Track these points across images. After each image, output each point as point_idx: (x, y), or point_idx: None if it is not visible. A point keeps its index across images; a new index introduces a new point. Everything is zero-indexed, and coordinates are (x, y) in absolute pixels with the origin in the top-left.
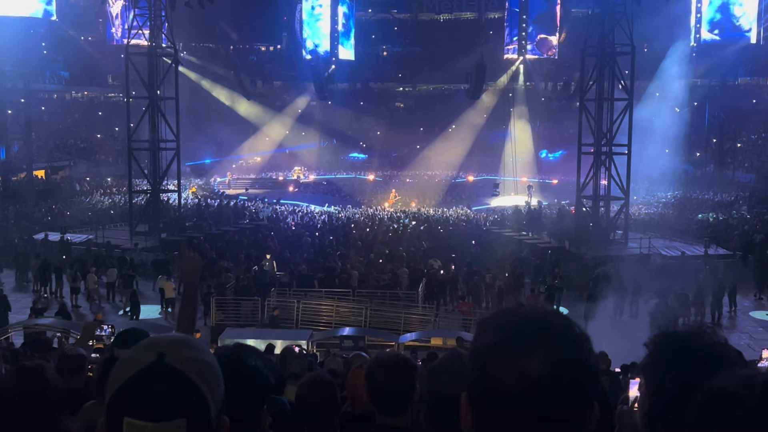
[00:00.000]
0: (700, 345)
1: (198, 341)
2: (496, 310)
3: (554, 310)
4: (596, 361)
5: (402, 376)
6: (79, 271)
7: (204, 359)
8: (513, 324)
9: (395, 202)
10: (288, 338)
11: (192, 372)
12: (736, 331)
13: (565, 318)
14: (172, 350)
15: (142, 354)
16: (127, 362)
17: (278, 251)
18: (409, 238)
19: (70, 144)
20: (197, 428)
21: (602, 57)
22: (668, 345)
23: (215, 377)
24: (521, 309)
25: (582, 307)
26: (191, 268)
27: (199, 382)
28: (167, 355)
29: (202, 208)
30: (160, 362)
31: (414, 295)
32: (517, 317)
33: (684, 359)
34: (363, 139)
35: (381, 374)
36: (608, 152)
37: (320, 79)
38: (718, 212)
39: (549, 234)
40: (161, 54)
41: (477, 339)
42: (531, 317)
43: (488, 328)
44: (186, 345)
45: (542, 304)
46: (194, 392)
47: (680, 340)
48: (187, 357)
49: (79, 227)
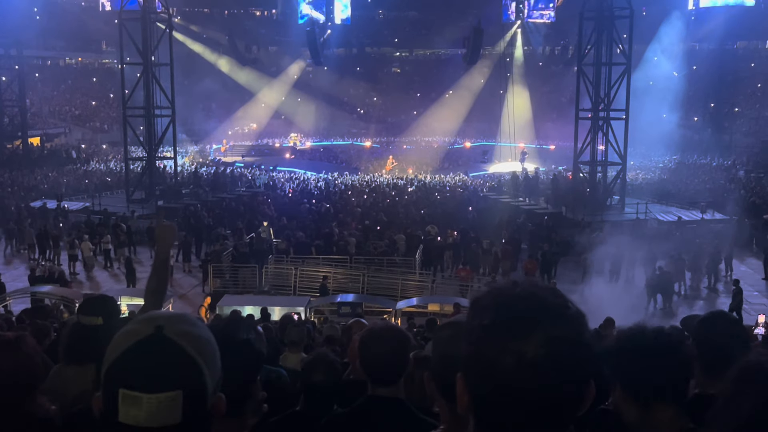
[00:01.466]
0: (657, 344)
1: (195, 318)
2: (490, 288)
3: (549, 287)
4: (593, 340)
5: (395, 347)
6: (77, 239)
7: (202, 335)
8: (508, 304)
9: (392, 168)
10: (286, 305)
11: (190, 345)
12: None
13: (561, 296)
14: (170, 324)
15: (140, 327)
16: (125, 334)
17: (275, 218)
18: (407, 205)
19: (64, 111)
20: (193, 401)
21: (600, 21)
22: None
23: (212, 353)
24: (516, 287)
25: (578, 273)
26: (165, 234)
27: (197, 356)
28: (165, 328)
29: (198, 175)
30: (158, 334)
31: (411, 261)
32: (512, 296)
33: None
34: (360, 105)
35: (373, 345)
36: (606, 117)
37: (315, 45)
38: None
39: (546, 200)
40: (155, 19)
41: (471, 319)
42: (527, 297)
43: (483, 308)
44: (184, 320)
45: (537, 279)
46: (191, 365)
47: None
48: (185, 331)
49: (75, 195)
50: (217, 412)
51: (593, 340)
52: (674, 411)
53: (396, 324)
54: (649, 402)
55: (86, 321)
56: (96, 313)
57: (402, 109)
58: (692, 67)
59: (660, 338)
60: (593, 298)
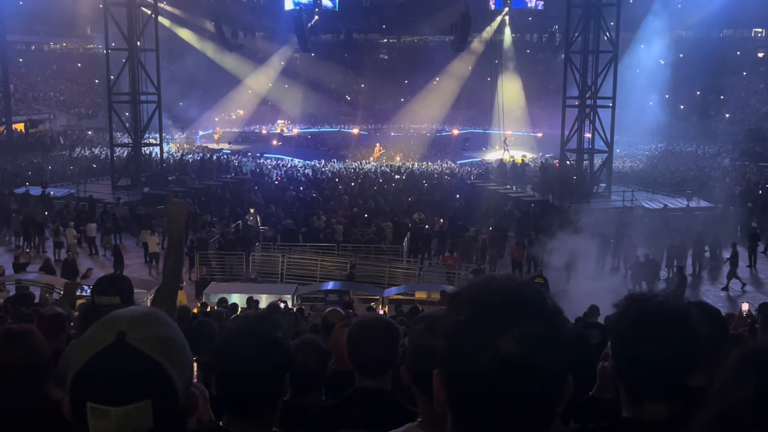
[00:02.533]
0: (663, 310)
1: (161, 315)
2: (468, 284)
3: (526, 282)
4: (570, 334)
5: (384, 340)
6: (62, 226)
7: (167, 335)
8: (485, 300)
9: (380, 156)
10: (273, 293)
11: (155, 351)
12: (717, 283)
13: (538, 292)
14: (133, 328)
15: (101, 334)
16: (86, 342)
17: (262, 206)
18: (394, 192)
19: (49, 97)
20: (164, 406)
21: (588, 8)
22: (636, 310)
23: (179, 351)
24: (493, 283)
25: (564, 260)
26: (177, 214)
27: (162, 360)
28: (128, 334)
29: (184, 162)
30: (120, 342)
31: (398, 249)
32: (488, 292)
33: (648, 324)
34: (347, 92)
35: (363, 338)
36: (593, 105)
37: (303, 31)
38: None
39: (533, 188)
40: (141, 5)
41: (448, 315)
42: (503, 292)
43: (459, 304)
44: (148, 321)
45: (515, 274)
46: (158, 372)
47: (646, 305)
48: (148, 334)
49: (60, 181)
50: (190, 409)
51: (570, 335)
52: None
53: (385, 315)
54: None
55: (103, 301)
56: (113, 292)
57: (389, 96)
58: (679, 55)
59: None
60: (578, 285)
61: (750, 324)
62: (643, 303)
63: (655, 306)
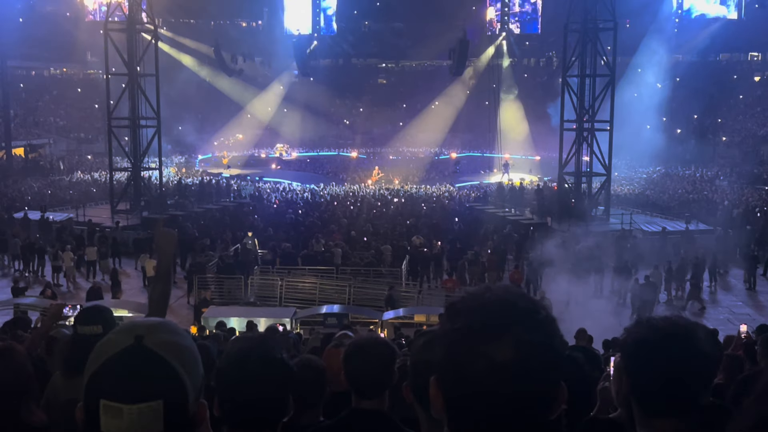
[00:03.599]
0: (675, 333)
1: (176, 325)
2: (463, 294)
3: (521, 292)
4: (563, 344)
5: (380, 360)
6: (60, 250)
7: (182, 343)
8: (480, 309)
9: (378, 179)
10: (272, 316)
11: (170, 355)
12: (717, 305)
13: (532, 301)
14: (150, 333)
15: (120, 337)
16: (106, 344)
17: (261, 229)
18: (393, 216)
19: (49, 122)
20: (174, 411)
21: (585, 33)
22: (649, 331)
23: (193, 361)
24: (488, 293)
25: (564, 283)
26: (166, 242)
27: (177, 365)
28: (145, 338)
29: (183, 186)
30: (137, 345)
31: (397, 272)
32: (483, 302)
33: (662, 346)
34: (346, 116)
35: (359, 358)
36: (590, 128)
37: (302, 56)
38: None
39: (531, 210)
40: (141, 30)
41: (445, 324)
42: (497, 302)
43: (455, 313)
44: (164, 328)
45: (511, 285)
46: (172, 375)
47: (658, 327)
48: (165, 340)
49: (59, 205)
50: (199, 419)
51: (563, 344)
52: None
53: (382, 336)
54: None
55: (85, 331)
56: (95, 321)
57: (388, 119)
58: (676, 78)
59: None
60: (577, 308)
61: (746, 345)
62: (657, 323)
63: (669, 326)
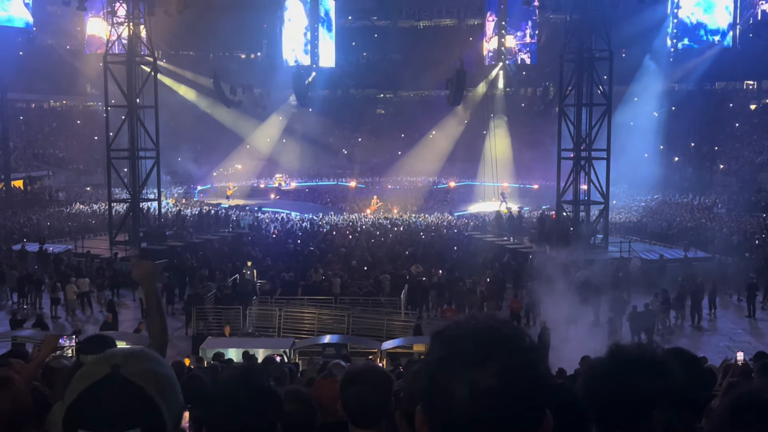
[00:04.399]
0: (641, 359)
1: (155, 353)
2: (449, 322)
3: (506, 320)
4: (547, 371)
5: (377, 389)
6: (59, 282)
7: (160, 371)
8: (464, 336)
9: (377, 208)
10: (270, 347)
11: (146, 383)
12: (717, 333)
13: (517, 329)
14: (127, 362)
15: (96, 367)
16: (83, 375)
17: (260, 259)
18: (392, 245)
19: (48, 153)
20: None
21: (580, 62)
22: (614, 357)
23: (171, 388)
24: (473, 320)
25: (563, 311)
26: (144, 273)
27: (154, 393)
28: (122, 367)
29: (182, 217)
30: (114, 374)
31: (396, 301)
32: (468, 329)
33: (625, 371)
34: (344, 146)
35: (355, 387)
36: (588, 157)
37: (301, 87)
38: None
39: (530, 239)
40: (140, 62)
41: (430, 352)
42: (482, 329)
43: (441, 341)
44: (142, 357)
45: (497, 312)
46: (149, 403)
47: (624, 353)
48: (142, 369)
49: (58, 237)
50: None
51: (548, 372)
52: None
53: (377, 365)
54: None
55: (88, 360)
56: (98, 351)
57: (386, 149)
58: (672, 107)
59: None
60: (577, 336)
61: (743, 372)
62: (619, 349)
63: (621, 352)
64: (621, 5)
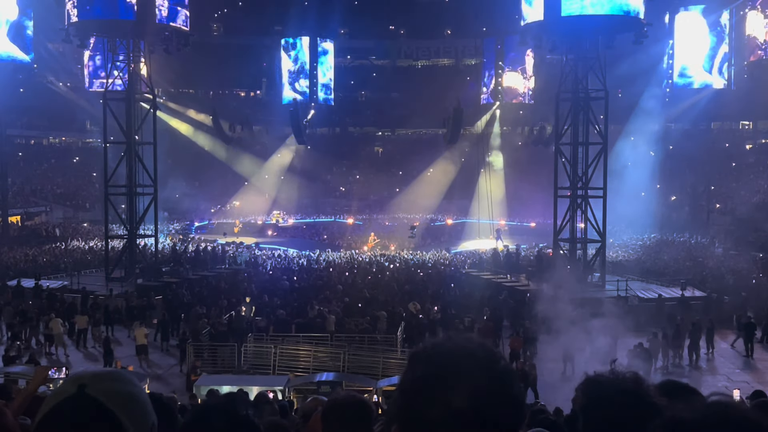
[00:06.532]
0: (622, 390)
1: (126, 374)
2: (425, 344)
3: (481, 342)
4: (521, 394)
5: (358, 417)
6: (46, 316)
7: (128, 391)
8: (438, 357)
9: (374, 245)
10: (265, 384)
11: (112, 402)
12: (715, 372)
13: (491, 351)
14: (94, 382)
15: (65, 387)
16: (53, 394)
17: (256, 296)
18: (388, 282)
19: (46, 189)
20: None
21: (576, 102)
22: (595, 389)
23: (139, 408)
24: (448, 342)
25: (560, 349)
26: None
27: (120, 412)
28: (88, 386)
29: (178, 253)
30: (80, 393)
31: (393, 339)
32: (443, 351)
33: (607, 402)
34: (342, 184)
35: (336, 416)
36: (584, 195)
37: (299, 125)
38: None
39: (527, 277)
40: (139, 99)
41: (405, 373)
42: (457, 350)
43: (416, 362)
44: (109, 377)
45: (473, 335)
46: (114, 423)
47: (605, 385)
48: (109, 389)
49: (54, 273)
50: None
51: (522, 394)
52: None
53: (359, 395)
54: None
55: None
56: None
57: (384, 186)
58: (668, 146)
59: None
60: (573, 373)
61: None
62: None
63: (603, 382)
64: (616, 46)
